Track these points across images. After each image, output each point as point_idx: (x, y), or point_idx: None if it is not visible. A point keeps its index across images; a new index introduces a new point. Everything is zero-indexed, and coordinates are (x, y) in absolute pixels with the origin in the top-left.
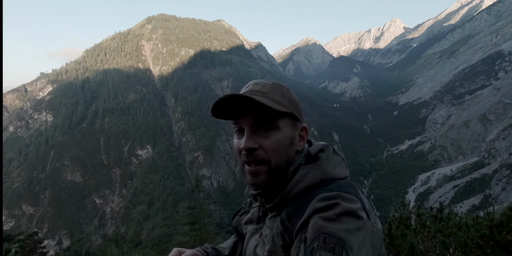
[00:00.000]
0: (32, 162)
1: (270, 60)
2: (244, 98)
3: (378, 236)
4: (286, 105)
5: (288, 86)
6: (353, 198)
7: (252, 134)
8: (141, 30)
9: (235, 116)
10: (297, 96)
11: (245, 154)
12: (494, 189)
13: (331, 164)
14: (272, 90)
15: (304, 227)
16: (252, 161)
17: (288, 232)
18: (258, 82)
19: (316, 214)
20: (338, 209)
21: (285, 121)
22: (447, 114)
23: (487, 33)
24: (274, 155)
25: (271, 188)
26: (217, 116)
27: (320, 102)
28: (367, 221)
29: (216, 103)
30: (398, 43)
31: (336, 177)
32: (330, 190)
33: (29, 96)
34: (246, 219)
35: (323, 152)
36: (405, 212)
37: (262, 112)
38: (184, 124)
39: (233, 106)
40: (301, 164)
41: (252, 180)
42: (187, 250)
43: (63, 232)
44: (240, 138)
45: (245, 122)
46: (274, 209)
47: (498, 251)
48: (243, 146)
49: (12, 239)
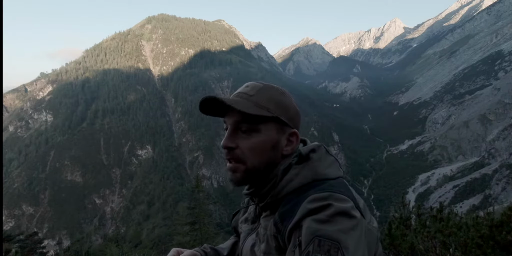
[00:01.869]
0: (32, 162)
1: (270, 60)
2: (219, 101)
3: (373, 235)
4: (271, 109)
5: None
6: (345, 197)
7: (232, 133)
8: (141, 30)
9: (223, 114)
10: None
11: (225, 152)
12: (494, 189)
13: (323, 164)
14: (260, 93)
15: (296, 229)
16: (231, 158)
17: (280, 233)
18: (249, 84)
19: (308, 216)
20: (331, 210)
21: (268, 125)
22: (447, 114)
23: (487, 33)
24: (251, 156)
25: (252, 185)
26: (206, 113)
27: (320, 102)
28: (361, 220)
29: (200, 103)
30: (398, 43)
31: (328, 177)
32: (321, 190)
33: (29, 96)
34: (242, 218)
35: (314, 152)
36: (405, 212)
37: (241, 115)
38: (184, 124)
39: (218, 106)
40: (292, 164)
41: (231, 176)
42: (186, 250)
43: (63, 232)
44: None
45: (228, 122)
46: (267, 208)
47: (498, 251)
48: (222, 144)
49: (12, 239)
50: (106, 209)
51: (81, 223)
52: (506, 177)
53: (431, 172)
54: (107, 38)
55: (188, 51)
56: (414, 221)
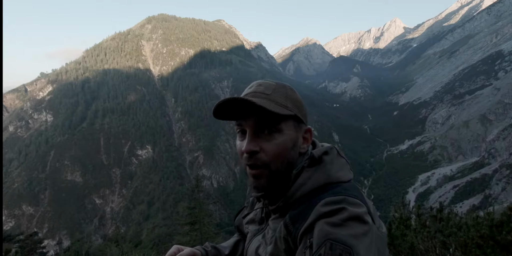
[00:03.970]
0: (32, 162)
1: (270, 60)
2: (245, 101)
3: (383, 241)
4: (289, 107)
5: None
6: (359, 202)
7: (254, 136)
8: (141, 30)
9: (238, 117)
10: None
11: (246, 157)
12: (494, 189)
13: (335, 167)
14: (276, 92)
15: (308, 232)
16: (253, 164)
17: (291, 236)
18: (262, 83)
19: (321, 219)
20: (344, 214)
21: (288, 124)
22: (447, 114)
23: (487, 33)
24: (275, 159)
25: (272, 191)
26: (219, 118)
27: (320, 102)
28: (372, 226)
29: (218, 105)
30: (398, 43)
31: (341, 180)
32: (335, 194)
33: (29, 96)
34: (248, 219)
35: (327, 155)
36: (405, 212)
37: (264, 115)
38: (184, 124)
39: (235, 108)
40: (305, 167)
41: (255, 183)
42: (186, 248)
43: (63, 232)
44: (242, 139)
45: (247, 124)
46: (277, 211)
47: (498, 251)
48: (245, 149)
49: (12, 239)
50: (106, 209)
51: (81, 223)
52: (506, 177)
53: (431, 172)
54: (107, 38)
55: (188, 51)
56: (414, 221)
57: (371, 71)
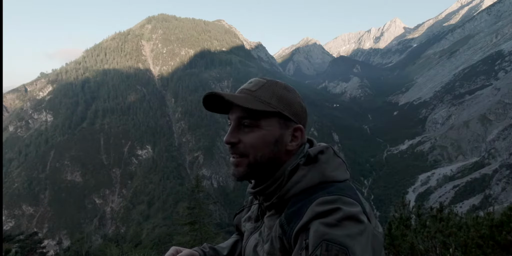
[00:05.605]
0: (32, 162)
1: (270, 60)
2: (217, 96)
3: (378, 240)
4: (273, 104)
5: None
6: (354, 202)
7: (235, 129)
8: (141, 30)
9: (228, 110)
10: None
11: (228, 147)
12: (494, 189)
13: (330, 166)
14: (262, 89)
15: (302, 231)
16: (234, 153)
17: (286, 235)
18: (253, 80)
19: (316, 220)
20: (339, 214)
21: (270, 120)
22: (447, 114)
23: (487, 33)
24: (253, 151)
25: (250, 179)
26: (210, 110)
27: (320, 102)
28: (368, 225)
29: (202, 100)
30: (398, 43)
31: (335, 180)
32: (329, 193)
33: (29, 96)
34: (245, 217)
35: (322, 154)
36: (405, 212)
37: (243, 110)
38: (184, 124)
39: (220, 102)
40: (300, 165)
41: (233, 171)
42: (185, 249)
43: (63, 232)
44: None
45: (232, 118)
46: (272, 208)
47: (498, 251)
48: (225, 140)
49: (12, 239)
50: (106, 209)
51: (81, 223)
52: (506, 177)
53: (431, 172)
54: (107, 38)
55: (188, 51)
56: (414, 221)
57: (371, 71)
